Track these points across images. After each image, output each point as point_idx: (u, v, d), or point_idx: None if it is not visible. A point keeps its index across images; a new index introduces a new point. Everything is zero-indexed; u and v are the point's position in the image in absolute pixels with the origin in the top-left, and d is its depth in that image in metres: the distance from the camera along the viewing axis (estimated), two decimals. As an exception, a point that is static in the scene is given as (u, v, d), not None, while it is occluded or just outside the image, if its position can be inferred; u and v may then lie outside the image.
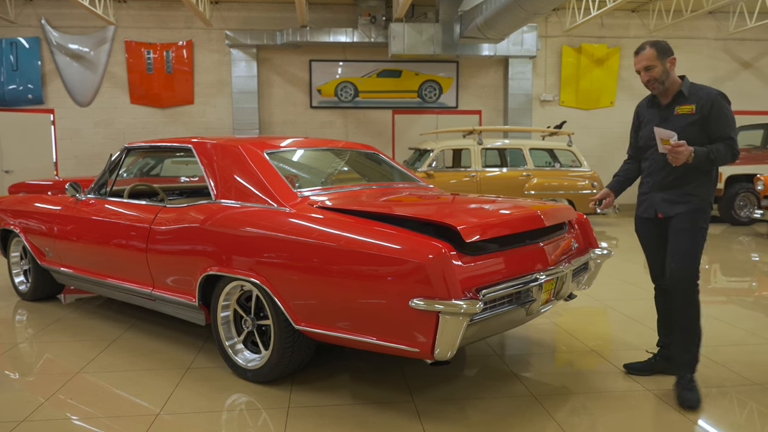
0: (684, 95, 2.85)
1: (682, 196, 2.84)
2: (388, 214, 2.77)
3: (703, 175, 2.84)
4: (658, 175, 2.92)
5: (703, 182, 2.84)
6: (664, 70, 2.83)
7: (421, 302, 2.32)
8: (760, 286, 5.61)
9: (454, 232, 2.55)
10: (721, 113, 2.76)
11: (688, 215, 2.83)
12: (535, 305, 2.75)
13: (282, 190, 3.08)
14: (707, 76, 12.69)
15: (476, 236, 2.50)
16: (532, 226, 2.85)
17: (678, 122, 2.83)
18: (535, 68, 12.33)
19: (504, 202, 3.22)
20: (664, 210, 2.90)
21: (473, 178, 9.44)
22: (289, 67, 12.00)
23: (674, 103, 2.87)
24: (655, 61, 2.82)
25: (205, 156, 3.46)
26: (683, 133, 2.76)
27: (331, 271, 2.61)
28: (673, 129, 2.78)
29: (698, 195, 2.83)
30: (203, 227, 3.16)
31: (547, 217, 2.95)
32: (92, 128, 11.74)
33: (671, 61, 2.84)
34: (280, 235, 2.80)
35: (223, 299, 3.13)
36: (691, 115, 2.80)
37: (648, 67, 2.84)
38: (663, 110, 2.91)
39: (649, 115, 2.99)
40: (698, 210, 2.83)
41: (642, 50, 2.86)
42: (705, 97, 2.79)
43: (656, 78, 2.84)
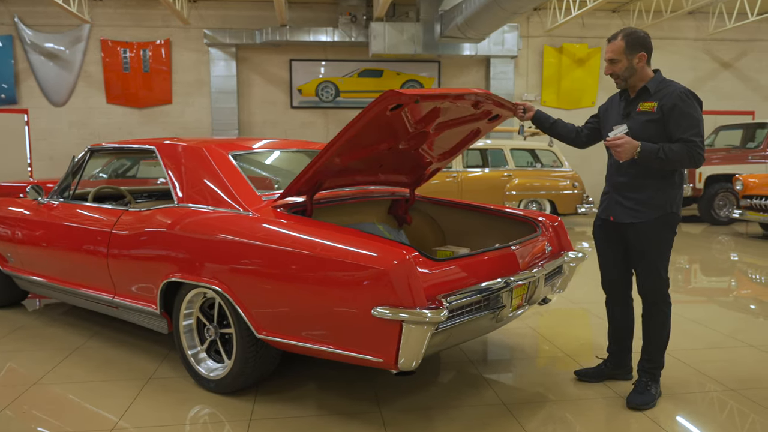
0: (649, 92, 2.70)
1: (639, 204, 2.70)
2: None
3: (662, 178, 2.68)
4: (614, 174, 2.82)
5: (662, 187, 2.68)
6: (628, 67, 2.68)
7: (384, 311, 2.23)
8: (739, 286, 5.60)
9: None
10: (683, 113, 2.58)
11: (650, 231, 2.69)
12: (506, 311, 2.67)
13: (245, 194, 2.97)
14: (688, 76, 12.74)
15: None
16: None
17: (638, 118, 2.71)
18: (517, 68, 12.31)
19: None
20: (618, 215, 2.78)
21: (455, 178, 9.38)
22: (269, 66, 11.86)
23: (638, 99, 2.75)
24: (620, 55, 2.67)
25: (168, 158, 3.34)
26: (642, 131, 2.65)
27: (292, 278, 2.51)
28: (633, 125, 2.68)
29: (657, 204, 2.68)
30: (164, 232, 3.04)
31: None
32: (67, 129, 11.51)
33: (640, 57, 2.67)
34: (241, 241, 2.70)
35: (185, 307, 3.02)
36: (651, 113, 2.65)
37: (612, 60, 2.71)
38: (628, 105, 2.80)
39: (614, 110, 2.87)
40: (659, 222, 2.69)
41: (613, 39, 2.72)
42: (668, 95, 2.62)
43: (617, 74, 2.72)
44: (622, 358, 3.05)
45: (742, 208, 8.42)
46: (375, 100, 2.44)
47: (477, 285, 2.53)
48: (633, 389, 2.82)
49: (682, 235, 9.17)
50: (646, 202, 2.69)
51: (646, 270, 2.76)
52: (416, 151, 3.26)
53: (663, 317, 2.78)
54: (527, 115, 3.03)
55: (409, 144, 3.10)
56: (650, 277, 2.75)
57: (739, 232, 9.04)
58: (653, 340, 2.81)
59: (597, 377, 3.05)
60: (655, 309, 2.78)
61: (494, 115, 3.18)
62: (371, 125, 2.59)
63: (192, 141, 3.43)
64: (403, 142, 3.04)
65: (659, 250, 2.73)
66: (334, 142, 2.63)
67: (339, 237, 2.49)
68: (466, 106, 2.87)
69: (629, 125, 2.71)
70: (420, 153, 3.31)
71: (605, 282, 3.01)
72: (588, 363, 3.28)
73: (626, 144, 2.57)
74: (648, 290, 2.78)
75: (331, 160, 2.77)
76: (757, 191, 8.20)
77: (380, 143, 2.93)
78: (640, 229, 2.72)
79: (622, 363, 3.06)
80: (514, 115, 3.08)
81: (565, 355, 3.47)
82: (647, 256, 2.73)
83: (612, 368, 3.06)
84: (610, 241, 2.90)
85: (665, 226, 2.71)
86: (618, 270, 2.93)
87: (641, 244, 2.74)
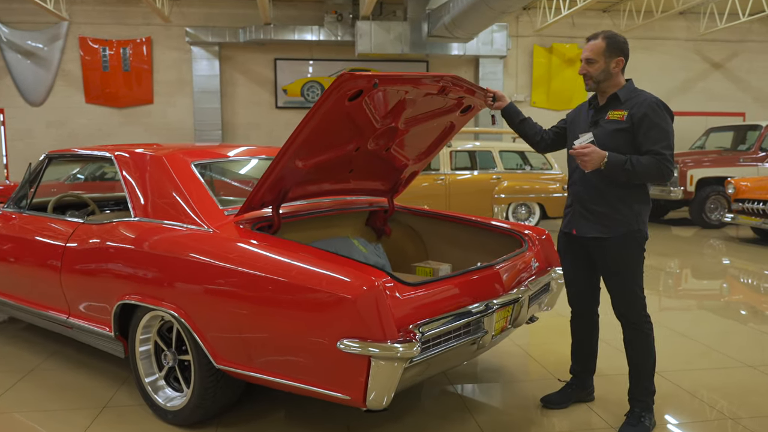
0: (619, 100, 2.54)
1: (604, 218, 2.53)
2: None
3: (628, 192, 2.51)
4: (578, 186, 2.62)
5: (628, 201, 2.52)
6: (604, 69, 2.52)
7: (351, 344, 2.00)
8: (731, 292, 5.42)
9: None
10: (653, 124, 2.43)
11: (618, 249, 2.52)
12: (487, 337, 2.46)
13: (206, 208, 2.73)
14: (679, 76, 12.63)
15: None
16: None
17: (606, 127, 2.54)
18: (506, 68, 12.12)
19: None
20: (581, 228, 2.60)
21: (442, 182, 9.16)
22: (253, 65, 11.59)
23: (608, 107, 2.58)
24: (599, 55, 2.51)
25: (125, 167, 3.08)
26: (610, 141, 2.48)
27: (252, 304, 2.27)
28: (601, 134, 2.52)
29: (622, 219, 2.51)
30: (117, 249, 2.80)
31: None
32: (45, 129, 11.19)
33: (618, 61, 2.52)
34: (199, 262, 2.46)
35: (141, 332, 2.78)
36: (620, 122, 2.49)
37: (589, 60, 2.53)
38: (597, 113, 2.62)
39: (582, 117, 2.69)
40: (627, 239, 2.51)
41: (593, 39, 2.55)
42: (639, 104, 2.47)
43: (592, 75, 2.54)
44: (586, 380, 2.90)
45: (734, 212, 8.28)
46: (330, 87, 2.22)
47: (455, 311, 2.31)
48: (626, 421, 2.61)
49: (672, 238, 9.01)
50: (611, 216, 2.53)
51: (621, 291, 2.59)
52: (388, 152, 3.05)
53: (646, 340, 2.61)
54: (496, 104, 2.85)
55: (378, 143, 2.88)
56: (626, 299, 2.59)
57: (730, 235, 8.90)
58: (641, 367, 2.62)
59: (563, 402, 2.86)
60: (636, 332, 2.62)
61: (466, 106, 2.98)
62: (330, 119, 2.38)
63: (153, 148, 3.19)
64: (372, 141, 2.83)
65: (631, 269, 2.56)
66: (291, 142, 2.40)
67: (303, 259, 2.26)
68: (433, 96, 2.67)
69: (597, 134, 2.55)
70: (393, 154, 3.09)
71: (571, 296, 2.84)
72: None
73: (593, 153, 2.40)
74: (625, 312, 2.62)
75: (292, 163, 2.54)
76: (750, 195, 8.05)
77: (345, 143, 2.71)
78: (606, 245, 2.55)
79: (585, 384, 2.90)
80: (485, 103, 2.91)
81: (555, 377, 3.25)
82: (619, 276, 2.58)
83: (577, 390, 2.88)
84: (575, 255, 2.73)
85: (633, 243, 2.54)
86: (584, 284, 2.77)
87: (610, 262, 2.58)
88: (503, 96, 2.88)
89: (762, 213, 7.76)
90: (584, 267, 2.73)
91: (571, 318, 2.90)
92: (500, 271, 2.64)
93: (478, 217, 3.51)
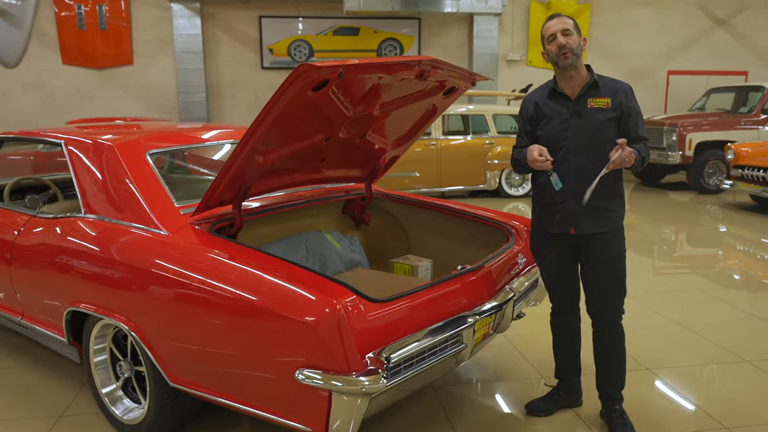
0: (598, 87, 2.38)
1: (607, 212, 2.42)
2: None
3: (620, 185, 2.47)
4: (572, 180, 2.36)
5: (621, 192, 2.48)
6: (579, 44, 2.35)
7: (311, 374, 1.79)
8: (727, 258, 5.24)
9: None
10: (637, 111, 2.40)
11: (611, 241, 2.44)
12: (466, 351, 2.25)
13: (160, 206, 2.47)
14: (680, 33, 12.15)
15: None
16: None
17: (594, 117, 2.35)
18: (502, 26, 11.61)
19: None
20: (583, 226, 2.40)
21: (434, 147, 8.85)
22: (237, 23, 11.06)
23: (587, 95, 2.37)
24: (573, 29, 2.35)
25: (75, 156, 2.80)
26: (604, 130, 2.34)
27: (205, 321, 2.05)
28: (588, 125, 2.35)
29: (620, 210, 2.48)
30: (63, 250, 2.56)
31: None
32: (21, 92, 10.73)
33: (584, 41, 2.39)
34: (147, 270, 2.22)
35: (94, 342, 2.57)
36: (607, 110, 2.36)
37: (566, 31, 2.33)
38: (574, 103, 2.38)
39: (553, 109, 2.42)
40: (619, 230, 2.47)
41: (558, 15, 2.40)
42: (619, 91, 2.38)
43: (572, 48, 2.31)
44: (574, 383, 2.74)
45: (733, 179, 8.04)
46: (287, 78, 1.94)
47: (431, 327, 2.09)
48: (614, 422, 2.51)
49: (669, 203, 8.81)
50: (611, 209, 2.43)
51: (610, 284, 2.47)
52: (363, 139, 2.78)
53: (622, 338, 2.55)
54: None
55: (351, 131, 2.61)
56: (617, 294, 2.49)
57: (728, 201, 8.69)
58: (620, 369, 2.56)
59: (549, 408, 2.70)
60: (615, 336, 2.53)
61: (449, 88, 2.71)
62: (291, 111, 2.11)
63: (103, 134, 2.90)
64: (344, 130, 2.56)
65: (624, 260, 2.50)
66: (249, 136, 2.13)
67: (259, 270, 2.03)
68: (411, 80, 2.39)
69: (582, 125, 2.35)
70: (369, 141, 2.82)
71: (554, 294, 2.66)
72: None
73: (628, 155, 2.25)
74: (606, 306, 2.50)
75: (251, 158, 2.28)
76: (749, 161, 7.79)
77: (312, 134, 2.44)
78: (603, 240, 2.42)
79: (573, 388, 2.74)
80: (469, 84, 2.75)
81: (543, 377, 3.08)
82: (613, 269, 2.46)
83: (565, 395, 2.72)
84: (560, 252, 2.52)
85: (622, 234, 2.50)
86: (568, 281, 2.59)
87: (605, 256, 2.44)
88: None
89: (762, 180, 7.52)
90: (568, 262, 2.54)
91: (552, 317, 2.72)
92: (482, 276, 2.42)
93: (463, 205, 3.27)
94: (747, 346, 3.44)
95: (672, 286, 4.65)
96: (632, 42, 12.04)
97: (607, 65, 11.88)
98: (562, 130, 2.38)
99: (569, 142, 2.36)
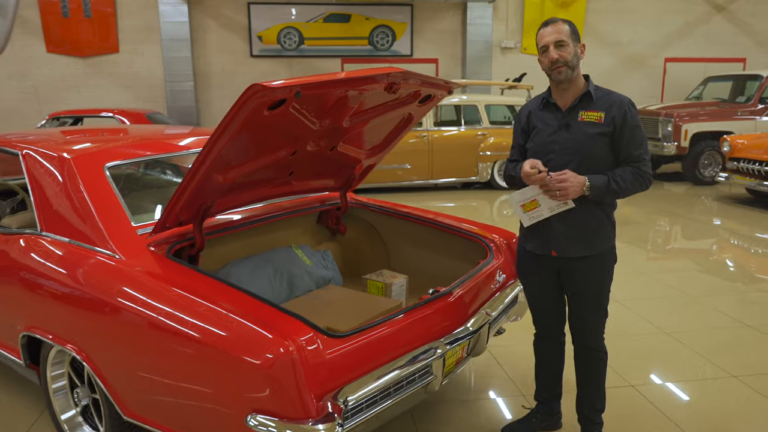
0: (592, 98, 2.19)
1: (591, 234, 2.23)
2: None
3: (610, 204, 2.28)
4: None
5: (609, 213, 2.29)
6: (575, 54, 2.15)
7: (263, 421, 1.67)
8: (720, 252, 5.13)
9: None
10: (635, 127, 2.17)
11: (596, 265, 2.26)
12: (436, 382, 2.14)
13: (115, 226, 2.33)
14: (679, 20, 11.93)
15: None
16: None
17: (583, 130, 2.17)
18: (496, 12, 11.37)
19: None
20: (564, 249, 2.26)
21: (425, 138, 8.69)
22: (225, 10, 10.81)
23: (579, 108, 2.20)
24: (568, 38, 2.13)
25: (32, 168, 2.66)
26: (592, 146, 2.16)
27: (155, 355, 1.94)
28: (578, 138, 2.17)
29: (607, 232, 2.27)
30: (19, 271, 2.43)
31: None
32: (5, 81, 10.52)
33: (582, 48, 2.19)
34: (98, 298, 2.10)
35: (51, 368, 2.45)
36: (598, 125, 2.16)
37: (560, 43, 2.13)
38: (564, 115, 2.22)
39: (543, 120, 2.28)
40: (607, 253, 2.28)
41: (552, 23, 2.17)
42: (616, 104, 2.17)
43: (567, 60, 2.14)
44: (554, 406, 2.64)
45: (728, 172, 7.91)
46: (239, 99, 1.80)
47: (394, 362, 1.97)
48: None
49: (664, 194, 8.69)
50: (597, 231, 2.25)
51: (592, 310, 2.35)
52: (334, 151, 2.64)
53: (605, 359, 2.44)
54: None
55: (319, 144, 2.47)
56: (595, 319, 2.37)
57: (723, 194, 8.57)
58: (600, 391, 2.46)
59: None
60: (596, 354, 2.42)
61: (424, 96, 2.57)
62: (246, 131, 1.98)
63: (70, 143, 2.76)
64: (311, 143, 2.42)
65: (607, 286, 2.34)
66: (204, 157, 2.00)
67: (212, 302, 1.90)
68: (380, 91, 2.25)
69: (571, 138, 2.19)
70: (341, 152, 2.69)
71: (537, 317, 2.54)
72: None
73: (570, 181, 2.08)
74: (590, 334, 2.39)
75: (209, 178, 2.14)
76: (745, 154, 7.65)
77: (275, 150, 2.31)
78: (587, 263, 2.27)
79: (552, 411, 2.64)
80: (446, 92, 2.63)
81: (523, 394, 2.98)
82: (595, 295, 2.32)
83: (543, 418, 2.62)
84: (543, 275, 2.39)
85: (611, 258, 2.32)
86: (552, 304, 2.46)
87: (589, 281, 2.29)
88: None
89: (757, 173, 7.40)
90: (552, 287, 2.40)
91: (535, 340, 2.60)
92: (455, 301, 2.30)
93: (444, 216, 3.14)
94: (735, 358, 3.34)
95: (661, 290, 4.54)
96: (629, 28, 11.82)
97: (604, 52, 11.69)
98: (549, 143, 2.23)
99: (555, 155, 2.21)
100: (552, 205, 2.13)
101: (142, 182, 3.19)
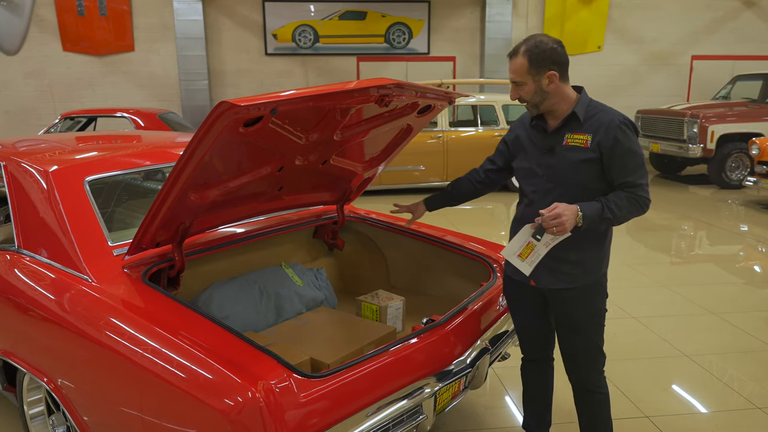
0: (578, 120, 1.98)
1: (573, 267, 2.04)
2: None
3: (603, 232, 2.06)
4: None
5: (600, 243, 2.06)
6: (537, 90, 1.96)
7: (227, 473, 1.52)
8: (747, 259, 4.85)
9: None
10: (628, 151, 1.94)
11: (579, 300, 2.06)
12: (428, 421, 1.97)
13: (90, 246, 2.20)
14: (706, 16, 11.50)
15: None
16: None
17: (567, 155, 1.98)
18: (516, 9, 11.08)
19: None
20: (543, 280, 2.09)
21: (439, 139, 8.49)
22: (240, 8, 10.71)
23: (564, 129, 2.01)
24: (524, 76, 1.95)
25: (13, 180, 2.54)
26: (575, 173, 1.96)
27: (124, 390, 1.80)
28: (561, 165, 1.99)
29: (594, 265, 2.06)
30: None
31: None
32: (22, 80, 10.57)
33: (551, 76, 1.94)
34: (66, 326, 1.97)
35: (28, 393, 2.34)
36: (584, 149, 1.96)
37: (516, 83, 1.98)
38: (549, 137, 2.04)
39: (530, 142, 2.11)
40: (591, 287, 2.07)
41: (514, 56, 1.98)
42: (604, 126, 1.95)
43: (526, 99, 1.98)
44: None
45: (756, 176, 7.57)
46: (209, 116, 1.64)
47: (379, 404, 1.80)
48: None
49: (688, 198, 8.37)
50: (582, 262, 2.05)
51: (583, 348, 2.14)
52: (327, 165, 2.48)
53: (606, 402, 2.23)
54: (414, 219, 2.56)
55: (309, 159, 2.31)
56: (588, 358, 2.16)
57: (750, 198, 8.22)
58: (600, 424, 2.24)
59: None
60: (594, 396, 2.21)
61: (423, 107, 2.39)
62: (222, 148, 1.82)
63: (53, 154, 2.64)
64: (300, 158, 2.26)
65: (596, 320, 2.12)
66: (175, 176, 1.84)
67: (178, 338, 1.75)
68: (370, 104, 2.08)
69: (554, 164, 2.01)
70: (334, 165, 2.52)
71: (523, 343, 2.37)
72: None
73: (565, 213, 1.87)
74: (585, 375, 2.18)
75: (184, 198, 1.99)
76: (775, 158, 7.31)
77: (259, 166, 2.15)
78: (570, 297, 2.07)
79: None
80: (446, 102, 2.48)
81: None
82: (583, 332, 2.11)
83: None
84: (528, 302, 2.22)
85: (600, 290, 2.12)
86: (538, 331, 2.29)
87: (574, 316, 2.10)
88: (416, 207, 2.51)
89: (788, 179, 7.06)
90: (539, 314, 2.24)
91: (522, 365, 2.44)
92: (451, 331, 2.12)
93: (446, 232, 2.96)
94: (764, 388, 3.10)
95: (683, 306, 4.29)
96: (654, 24, 11.43)
97: (627, 50, 11.33)
98: (536, 166, 2.07)
99: (540, 181, 2.05)
100: (548, 239, 1.94)
101: (136, 195, 3.06)
